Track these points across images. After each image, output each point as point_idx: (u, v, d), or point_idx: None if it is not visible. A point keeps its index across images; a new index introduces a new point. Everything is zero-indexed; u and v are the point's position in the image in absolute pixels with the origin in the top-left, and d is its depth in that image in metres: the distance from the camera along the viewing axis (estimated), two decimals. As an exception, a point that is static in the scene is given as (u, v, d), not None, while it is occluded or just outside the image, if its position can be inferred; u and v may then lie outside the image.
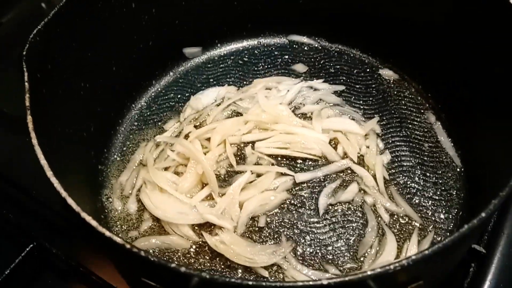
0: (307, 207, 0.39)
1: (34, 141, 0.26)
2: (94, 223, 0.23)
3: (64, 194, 0.24)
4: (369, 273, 0.22)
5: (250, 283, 0.22)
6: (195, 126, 0.44)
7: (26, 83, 0.29)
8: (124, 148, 0.44)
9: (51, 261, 0.41)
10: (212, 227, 0.38)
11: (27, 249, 0.40)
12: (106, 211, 0.40)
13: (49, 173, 0.25)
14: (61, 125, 0.33)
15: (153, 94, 0.48)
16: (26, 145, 0.49)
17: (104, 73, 0.41)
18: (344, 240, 0.37)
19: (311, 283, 0.22)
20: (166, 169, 0.41)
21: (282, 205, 0.39)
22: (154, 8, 0.43)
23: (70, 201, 0.24)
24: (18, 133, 0.51)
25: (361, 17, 0.48)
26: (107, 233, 0.23)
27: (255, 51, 0.51)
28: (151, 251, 0.37)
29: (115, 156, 0.43)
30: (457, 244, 0.26)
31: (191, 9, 0.46)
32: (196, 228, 0.38)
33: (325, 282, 0.22)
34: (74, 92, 0.36)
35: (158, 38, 0.46)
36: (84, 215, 0.23)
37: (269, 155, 0.42)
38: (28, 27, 0.60)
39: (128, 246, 0.22)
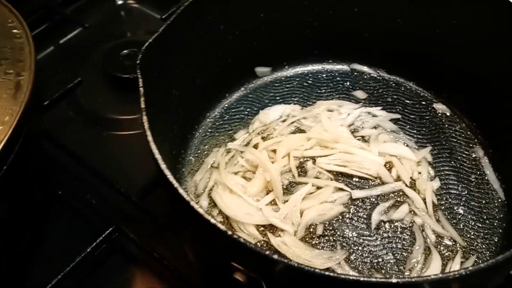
0: (361, 221, 0.43)
1: (150, 138, 0.31)
2: (201, 210, 0.28)
3: (176, 184, 0.29)
4: (431, 277, 0.26)
5: (347, 277, 0.26)
6: (263, 138, 0.49)
7: (141, 88, 0.35)
8: (199, 151, 0.49)
9: (124, 245, 0.47)
10: (274, 229, 0.42)
11: (107, 231, 0.45)
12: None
13: (163, 166, 0.30)
14: (156, 126, 0.37)
15: (225, 105, 0.53)
16: (102, 138, 0.56)
17: (190, 84, 0.46)
18: (393, 254, 0.41)
19: (383, 280, 0.26)
20: (235, 173, 0.46)
21: (338, 217, 0.43)
22: (238, 30, 0.48)
23: (181, 191, 0.29)
24: (94, 127, 0.57)
25: (418, 55, 0.52)
26: (212, 220, 0.28)
27: (319, 76, 0.56)
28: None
29: (190, 157, 0.48)
30: (497, 267, 0.30)
31: (267, 34, 0.51)
32: (260, 228, 0.42)
33: (394, 280, 0.26)
34: (167, 98, 0.42)
35: (236, 57, 0.51)
36: (194, 204, 0.28)
37: (329, 171, 0.46)
38: (108, 32, 0.67)
39: (229, 233, 0.27)
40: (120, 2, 0.72)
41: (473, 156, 0.48)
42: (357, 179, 0.46)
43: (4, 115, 0.35)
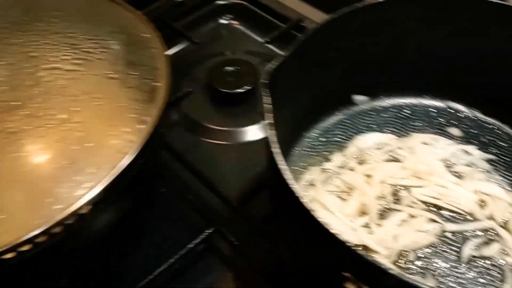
0: (452, 254, 0.44)
1: (276, 150, 0.35)
2: (322, 221, 0.31)
3: (300, 194, 0.32)
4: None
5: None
6: (358, 163, 0.51)
7: (268, 105, 0.38)
8: (296, 168, 0.52)
9: (219, 246, 0.50)
10: (367, 250, 0.44)
11: (207, 232, 0.49)
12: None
13: (288, 175, 0.33)
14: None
15: (322, 128, 0.55)
16: (201, 144, 0.60)
17: (298, 105, 0.49)
18: (482, 288, 0.42)
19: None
20: (330, 192, 0.49)
21: (430, 247, 0.45)
22: (344, 59, 0.51)
23: (305, 201, 0.31)
24: (194, 133, 0.62)
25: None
26: (333, 230, 0.30)
27: (415, 109, 0.57)
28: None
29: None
30: None
31: (370, 64, 0.54)
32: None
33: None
34: (279, 116, 0.45)
35: (337, 83, 0.54)
36: (315, 214, 0.31)
37: (422, 201, 0.48)
38: (210, 48, 0.72)
39: (351, 244, 0.30)
40: (224, 22, 0.77)
41: None
42: (449, 213, 0.47)
43: (145, 116, 0.39)
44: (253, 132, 0.62)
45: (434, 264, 0.44)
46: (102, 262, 0.49)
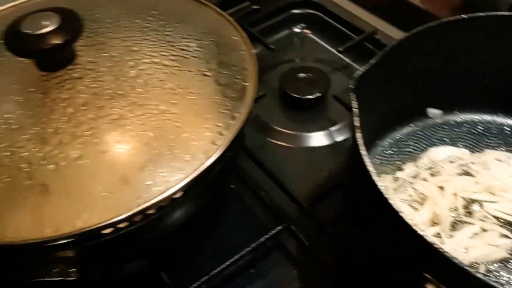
0: (524, 270, 0.45)
1: (364, 152, 0.36)
2: (411, 222, 0.32)
3: (388, 196, 0.33)
4: None
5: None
6: (431, 174, 0.52)
7: (356, 109, 0.39)
8: (368, 174, 0.53)
9: (286, 244, 0.52)
10: (437, 259, 0.45)
11: (275, 230, 0.51)
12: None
13: (376, 177, 0.34)
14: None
15: (396, 137, 0.56)
16: (271, 146, 0.62)
17: (376, 113, 0.51)
18: (555, 309, 0.42)
19: None
20: (402, 201, 0.49)
21: (500, 261, 0.45)
22: (423, 73, 0.52)
23: (393, 202, 0.33)
24: (264, 134, 0.64)
25: None
26: (421, 232, 0.31)
27: (489, 126, 0.58)
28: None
29: (360, 178, 0.52)
30: None
31: (447, 80, 0.54)
32: (422, 256, 0.45)
33: None
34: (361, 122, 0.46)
35: (414, 97, 0.55)
36: (404, 216, 0.32)
37: (494, 216, 0.48)
38: (283, 54, 0.74)
39: (438, 246, 0.31)
40: (297, 30, 0.79)
41: None
42: (522, 230, 0.47)
43: (235, 112, 0.41)
44: (319, 138, 0.64)
45: (504, 278, 0.44)
46: (176, 250, 0.51)
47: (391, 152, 0.55)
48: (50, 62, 0.41)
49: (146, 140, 0.38)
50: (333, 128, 0.64)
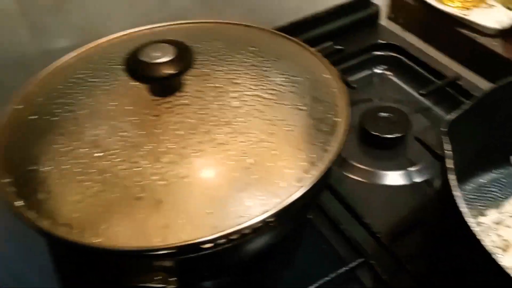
0: None
1: (457, 194, 0.37)
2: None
3: (486, 245, 0.34)
4: None
5: None
6: (516, 222, 0.52)
7: (449, 151, 0.41)
8: (449, 217, 0.53)
9: (362, 279, 0.53)
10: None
11: (354, 263, 0.52)
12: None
13: (469, 220, 0.35)
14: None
15: (478, 183, 0.57)
16: (348, 180, 0.64)
17: (460, 157, 0.51)
18: None
19: None
20: (483, 246, 0.49)
21: None
22: (509, 127, 0.53)
23: (485, 244, 0.34)
24: (342, 169, 0.66)
25: None
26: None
27: None
28: None
29: (443, 220, 0.53)
30: None
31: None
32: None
33: None
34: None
35: (500, 144, 0.55)
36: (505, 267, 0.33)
37: None
38: (361, 93, 0.76)
39: None
40: (378, 71, 0.82)
41: None
42: None
43: (327, 146, 0.44)
44: (397, 177, 0.65)
45: None
46: (255, 274, 0.54)
47: (474, 197, 0.55)
48: (162, 88, 0.45)
49: (246, 165, 0.41)
50: (411, 169, 0.65)
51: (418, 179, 0.65)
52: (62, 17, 0.61)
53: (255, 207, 0.39)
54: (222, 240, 0.38)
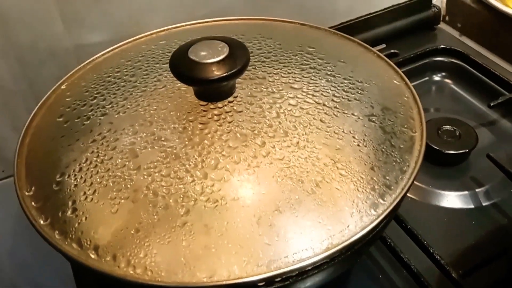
0: None
1: None
2: None
3: None
4: None
5: None
6: None
7: None
8: None
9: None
10: None
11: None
12: None
13: None
14: None
15: None
16: (407, 199, 0.56)
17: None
18: None
19: None
20: None
21: None
22: None
23: None
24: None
25: None
26: None
27: None
28: None
29: None
30: None
31: None
32: None
33: None
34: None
35: None
36: None
37: None
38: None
39: None
40: (436, 79, 0.74)
41: None
42: None
43: (403, 165, 0.37)
44: (462, 199, 0.58)
45: None
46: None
47: None
48: (211, 92, 0.39)
49: (309, 187, 0.34)
50: (479, 190, 0.58)
51: (485, 202, 0.57)
52: (99, 8, 0.56)
53: (319, 238, 0.32)
54: (279, 279, 0.32)
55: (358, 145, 0.38)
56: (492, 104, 0.64)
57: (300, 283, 0.34)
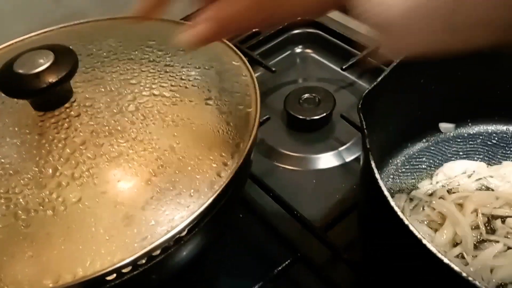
0: (556, 289, 0.42)
1: (377, 176, 0.34)
2: (434, 250, 0.30)
3: (409, 225, 0.31)
4: None
5: None
6: (448, 191, 0.50)
7: (365, 130, 0.38)
8: (382, 196, 0.51)
9: (301, 276, 0.49)
10: (463, 282, 0.42)
11: (288, 260, 0.48)
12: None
13: (391, 201, 0.32)
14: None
15: (409, 154, 0.54)
16: (277, 170, 0.60)
17: (386, 131, 0.49)
18: None
19: None
20: (419, 221, 0.47)
21: (531, 281, 0.43)
22: (434, 87, 0.50)
23: (412, 228, 0.31)
24: (270, 158, 0.62)
25: None
26: (445, 260, 0.29)
27: (504, 136, 0.55)
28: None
29: (374, 200, 0.50)
30: None
31: (457, 93, 0.52)
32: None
33: None
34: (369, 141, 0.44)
35: (424, 111, 0.53)
36: (426, 243, 0.30)
37: (519, 233, 0.45)
38: (284, 76, 0.73)
39: (464, 275, 0.28)
40: (298, 51, 0.78)
41: None
42: (549, 245, 0.45)
43: (239, 140, 0.40)
44: (328, 159, 0.62)
45: (536, 300, 0.41)
46: None
47: (405, 170, 0.53)
48: (47, 101, 0.40)
49: (147, 177, 0.36)
50: (342, 148, 0.62)
51: (349, 158, 0.62)
52: None
53: (162, 224, 0.34)
54: (128, 268, 0.33)
55: (196, 129, 0.40)
56: (344, 67, 0.68)
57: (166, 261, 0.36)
